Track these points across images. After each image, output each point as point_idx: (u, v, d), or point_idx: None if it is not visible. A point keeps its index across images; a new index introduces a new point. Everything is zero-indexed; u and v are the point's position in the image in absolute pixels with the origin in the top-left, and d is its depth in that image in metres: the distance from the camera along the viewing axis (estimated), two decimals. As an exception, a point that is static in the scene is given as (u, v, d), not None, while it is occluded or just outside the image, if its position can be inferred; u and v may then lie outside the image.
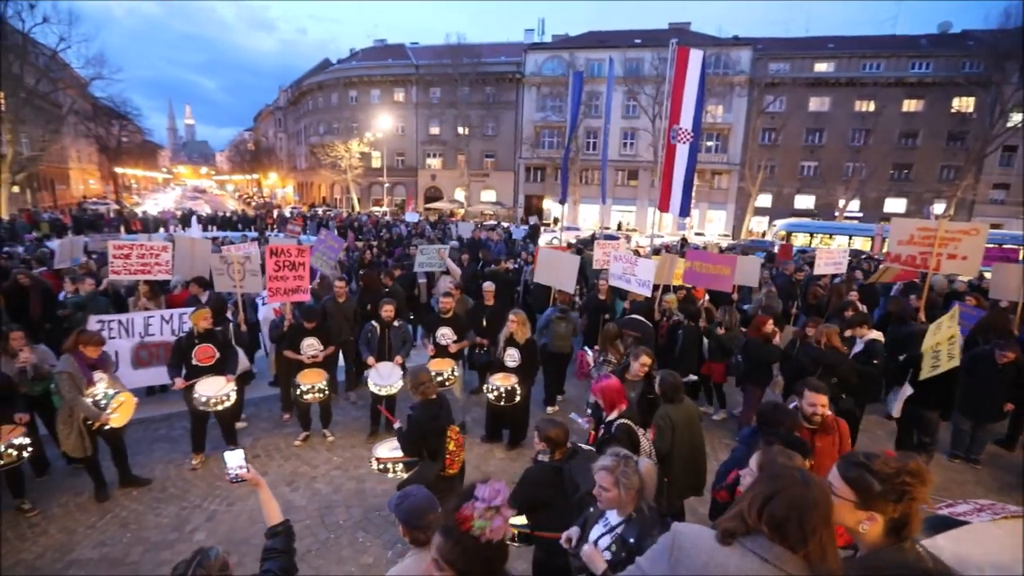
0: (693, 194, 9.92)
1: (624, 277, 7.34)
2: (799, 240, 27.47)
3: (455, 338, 5.97)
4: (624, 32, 40.74)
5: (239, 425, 5.95)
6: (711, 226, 38.15)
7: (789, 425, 3.43)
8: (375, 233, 19.32)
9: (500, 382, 5.33)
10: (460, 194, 41.79)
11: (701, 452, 4.08)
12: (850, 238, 27.42)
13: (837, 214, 33.60)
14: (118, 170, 54.24)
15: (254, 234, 20.67)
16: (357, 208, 40.85)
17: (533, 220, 26.53)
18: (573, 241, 21.73)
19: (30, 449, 4.29)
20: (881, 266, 11.03)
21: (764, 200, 36.73)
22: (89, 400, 4.49)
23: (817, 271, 9.22)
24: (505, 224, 29.45)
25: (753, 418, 4.78)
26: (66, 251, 9.43)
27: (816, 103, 36.07)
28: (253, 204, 48.15)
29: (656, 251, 12.69)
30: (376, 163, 42.74)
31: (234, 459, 2.46)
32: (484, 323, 6.43)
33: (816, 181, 35.94)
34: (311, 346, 5.69)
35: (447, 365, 5.68)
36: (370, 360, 5.69)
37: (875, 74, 34.82)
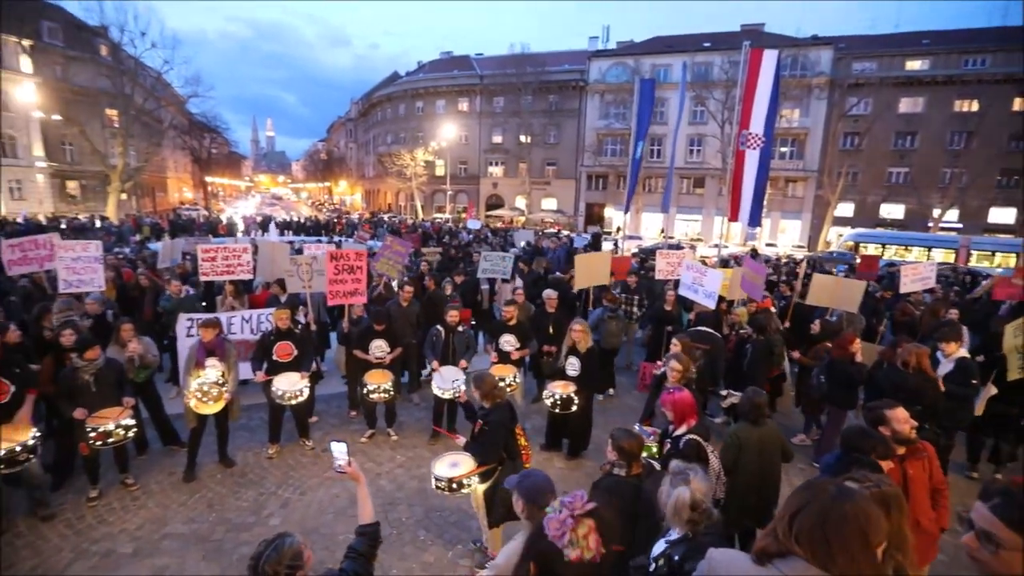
0: (765, 203, 9.46)
1: (693, 287, 7.11)
2: (868, 252, 25.40)
3: (518, 345, 6.00)
4: (692, 36, 39.67)
5: (310, 420, 6.29)
6: (783, 236, 36.08)
7: (880, 452, 3.16)
8: (438, 239, 19.86)
9: (558, 389, 5.29)
10: (521, 202, 42.16)
11: (771, 481, 3.82)
12: (929, 250, 24.89)
13: (931, 224, 30.70)
14: (208, 179, 59.52)
15: (326, 239, 21.86)
16: (420, 215, 42.21)
17: (595, 229, 26.23)
18: (635, 250, 21.31)
19: (135, 430, 4.75)
20: (985, 282, 9.97)
21: (845, 209, 34.25)
22: (193, 382, 4.95)
23: (904, 289, 8.44)
24: (566, 232, 29.34)
25: (836, 443, 4.45)
26: (167, 253, 10.41)
27: (908, 104, 33.25)
28: (324, 210, 51.01)
29: (724, 263, 12.17)
30: (440, 171, 44.03)
31: (339, 451, 2.57)
32: (551, 330, 6.41)
33: (906, 188, 33.04)
34: (379, 347, 5.92)
35: (509, 372, 5.72)
36: (434, 364, 5.84)
37: (979, 70, 31.63)
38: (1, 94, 30.31)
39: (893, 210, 33.90)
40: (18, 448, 4.03)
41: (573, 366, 5.47)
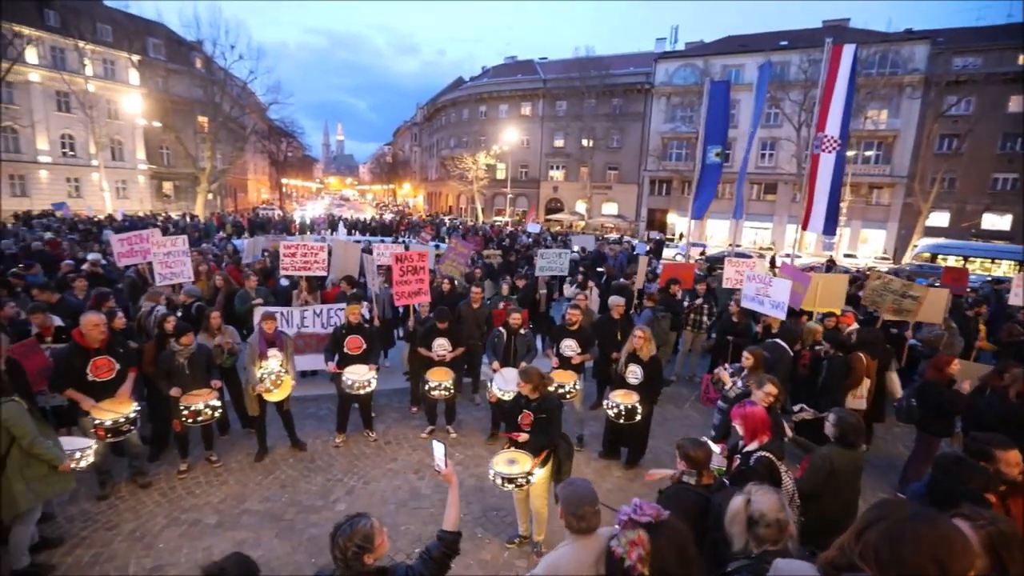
0: (844, 210, 8.87)
1: (757, 298, 6.77)
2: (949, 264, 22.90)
3: (579, 350, 5.95)
4: (768, 35, 37.78)
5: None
6: (865, 247, 33.46)
7: (978, 484, 2.87)
8: (498, 242, 20.08)
9: (620, 399, 5.19)
10: (581, 206, 41.86)
11: (852, 508, 3.56)
12: (1021, 264, 22.13)
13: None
14: (283, 180, 63.51)
15: (390, 239, 22.67)
16: (481, 218, 42.87)
17: (657, 235, 25.55)
18: (699, 257, 20.54)
19: (220, 411, 5.15)
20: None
21: (938, 219, 31.20)
22: (256, 372, 5.29)
23: (1013, 300, 7.65)
24: (627, 238, 28.79)
25: (924, 472, 4.08)
26: (250, 249, 11.22)
27: (1018, 102, 29.81)
28: (388, 211, 52.98)
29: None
30: (501, 175, 44.55)
31: (439, 452, 2.60)
32: (619, 336, 6.30)
33: (1014, 196, 29.63)
34: (441, 346, 6.07)
35: (570, 378, 5.68)
36: (495, 365, 5.91)
37: (1106, 65, 27.95)
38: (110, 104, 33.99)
39: (998, 221, 30.53)
40: (121, 419, 4.49)
41: (635, 374, 5.35)
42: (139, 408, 4.73)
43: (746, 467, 3.44)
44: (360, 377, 5.56)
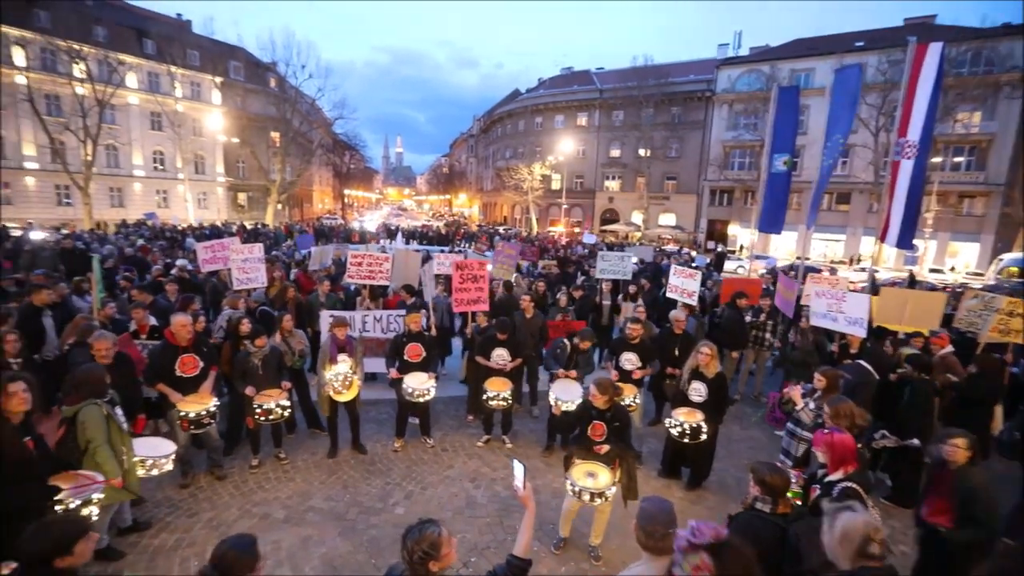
0: (928, 221, 8.16)
1: (829, 315, 6.35)
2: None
3: (640, 364, 5.80)
4: (841, 36, 35.78)
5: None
6: (954, 261, 30.64)
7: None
8: (553, 252, 20.04)
9: (684, 418, 4.99)
10: (637, 217, 41.08)
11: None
12: None
13: None
14: (345, 191, 66.56)
15: (447, 248, 23.16)
16: (535, 228, 43.00)
17: (718, 247, 24.59)
18: (763, 271, 19.56)
19: (289, 411, 5.41)
20: None
21: (1042, 231, 28.11)
22: (327, 374, 5.50)
23: None
24: (687, 250, 27.92)
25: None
26: (318, 257, 11.78)
27: None
28: (444, 221, 54.31)
29: (874, 290, 10.67)
30: (556, 185, 44.59)
31: (519, 472, 2.62)
32: (677, 352, 6.11)
33: None
34: (500, 356, 6.08)
35: (630, 391, 5.55)
36: (559, 372, 5.86)
37: None
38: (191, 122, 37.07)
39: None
40: (203, 413, 4.82)
41: (698, 391, 5.14)
42: (218, 404, 5.06)
43: (827, 497, 3.21)
44: (420, 385, 5.67)
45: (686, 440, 4.96)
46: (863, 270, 22.03)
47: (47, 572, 2.08)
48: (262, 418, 5.15)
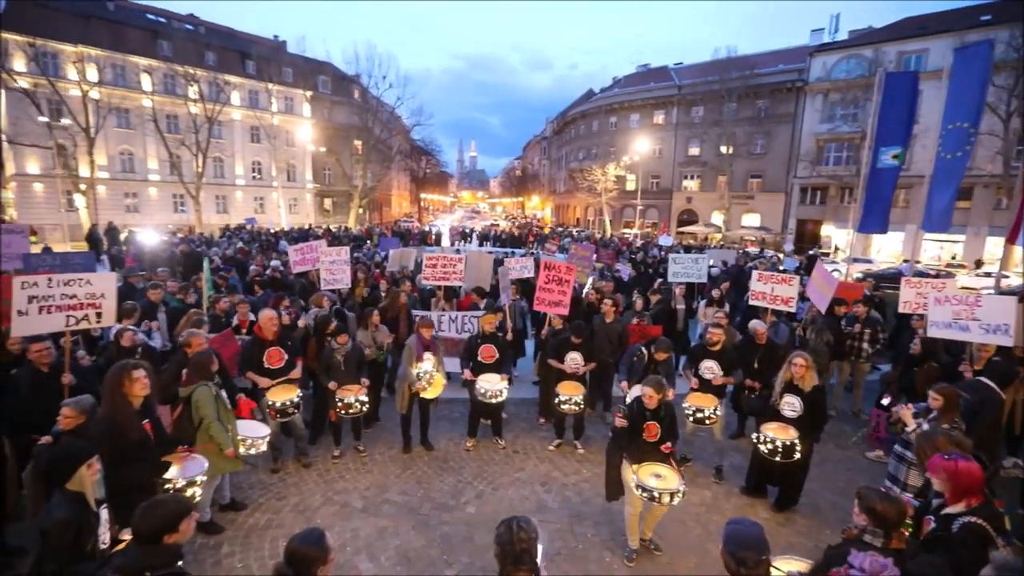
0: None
1: (958, 324, 5.57)
2: None
3: (721, 373, 5.45)
4: (962, 11, 31.78)
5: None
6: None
7: None
8: (628, 255, 19.52)
9: (776, 434, 4.60)
10: (718, 218, 38.98)
11: None
12: None
13: None
14: (421, 195, 69.10)
15: (521, 251, 23.28)
16: (609, 230, 42.17)
17: (811, 249, 22.70)
18: (860, 276, 17.78)
19: (367, 406, 5.64)
20: None
21: None
22: (414, 372, 5.67)
23: None
24: (769, 253, 26.10)
25: None
26: (396, 259, 12.25)
27: None
28: (516, 224, 54.72)
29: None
30: (630, 186, 43.49)
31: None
32: (757, 364, 5.70)
33: None
34: (574, 359, 5.98)
35: (710, 402, 5.22)
36: (623, 385, 5.65)
37: None
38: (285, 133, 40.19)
39: None
40: (288, 402, 5.15)
41: (792, 406, 4.72)
42: (301, 395, 5.38)
43: (944, 531, 2.81)
44: (492, 387, 5.70)
45: (777, 458, 4.58)
46: (988, 275, 19.45)
47: (156, 547, 2.27)
48: (343, 412, 5.41)
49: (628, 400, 5.34)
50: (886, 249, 31.02)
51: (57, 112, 27.75)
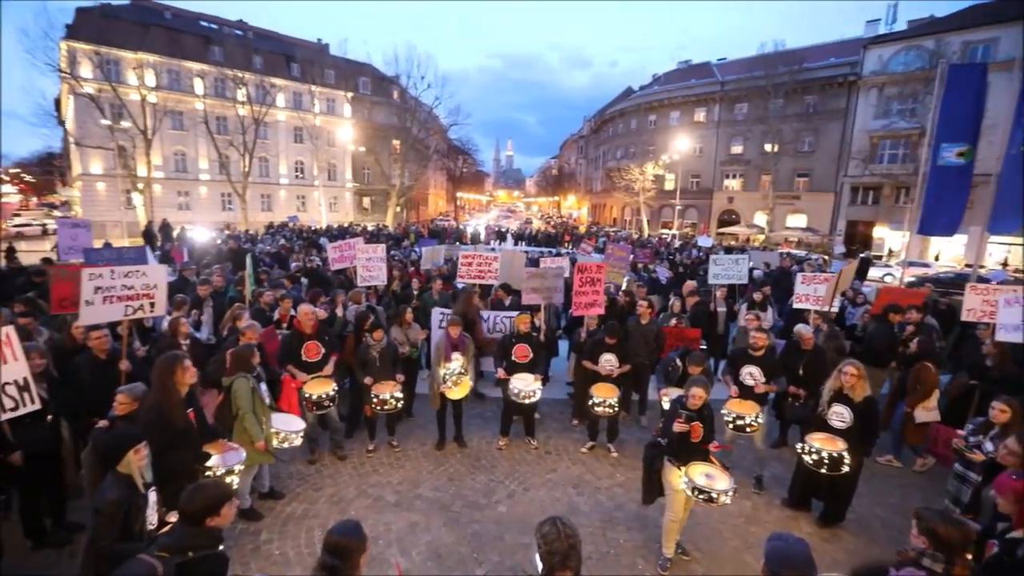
0: None
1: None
2: None
3: (763, 380, 5.23)
4: (1034, -1, 29.54)
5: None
6: None
7: None
8: (666, 256, 19.09)
9: (823, 445, 4.37)
10: (761, 218, 37.68)
11: None
12: None
13: None
14: (458, 194, 69.72)
15: (552, 250, 23.13)
16: (646, 230, 41.41)
17: (863, 252, 21.54)
18: (911, 280, 16.77)
19: (402, 402, 5.70)
20: None
21: None
22: (441, 372, 5.70)
23: None
24: (815, 256, 24.96)
25: None
26: (429, 256, 12.38)
27: None
28: (552, 223, 54.54)
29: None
30: (669, 185, 42.59)
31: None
32: (802, 371, 5.44)
33: None
34: (608, 361, 5.87)
35: (751, 409, 5.01)
36: (661, 392, 5.51)
37: None
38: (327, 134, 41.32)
39: None
40: (323, 395, 5.26)
41: (841, 417, 4.48)
42: (336, 389, 5.48)
43: (1008, 557, 2.60)
44: (526, 387, 5.66)
45: (822, 470, 4.35)
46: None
47: (198, 529, 2.36)
48: (378, 407, 5.48)
49: (666, 406, 5.21)
50: (946, 252, 29.21)
51: (118, 115, 29.50)
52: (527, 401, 5.67)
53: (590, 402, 5.68)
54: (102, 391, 4.07)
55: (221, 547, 2.48)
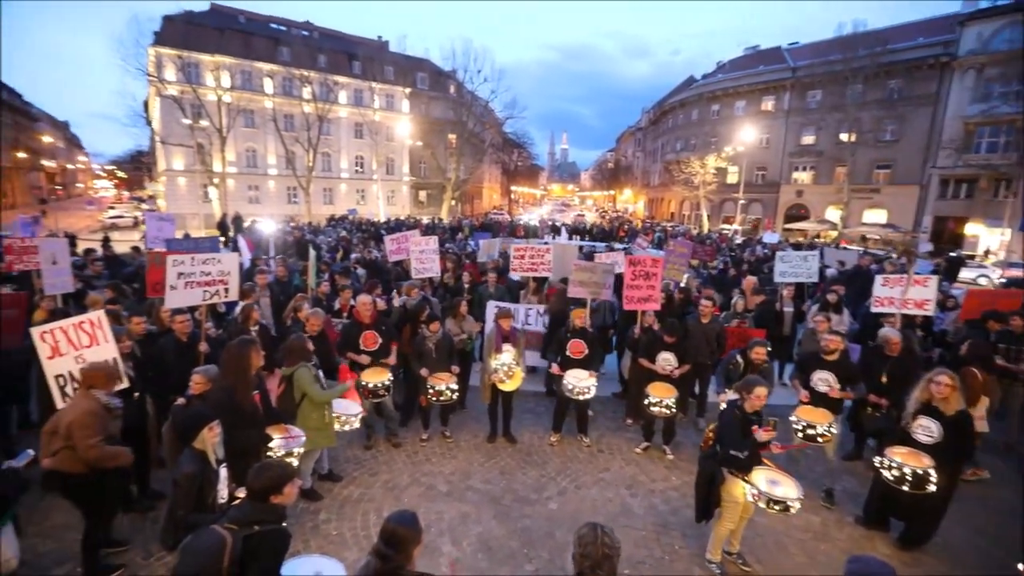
0: None
1: None
2: None
3: (838, 386, 4.86)
4: None
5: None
6: None
7: None
8: (727, 252, 18.26)
9: (905, 460, 4.00)
10: (833, 213, 35.14)
11: None
12: None
13: None
14: (512, 188, 69.82)
15: (604, 245, 22.63)
16: (706, 225, 39.80)
17: (953, 251, 19.63)
18: (1003, 282, 15.06)
19: (457, 394, 5.76)
20: None
21: None
22: (492, 363, 5.70)
23: None
24: (895, 256, 23.02)
25: None
26: (485, 249, 12.45)
27: None
28: (607, 217, 53.58)
29: None
30: (732, 179, 40.67)
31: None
32: (884, 378, 5.01)
33: None
34: (666, 360, 5.66)
35: (824, 418, 4.67)
36: (721, 397, 5.24)
37: None
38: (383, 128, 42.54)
39: None
40: (379, 384, 5.38)
41: (928, 431, 4.08)
42: (392, 378, 5.60)
43: None
44: (581, 383, 5.57)
45: (904, 488, 3.98)
46: None
47: (264, 505, 2.47)
48: (434, 398, 5.56)
49: (723, 408, 4.96)
50: (1051, 252, 26.16)
51: (197, 115, 31.83)
52: (581, 398, 5.57)
53: (646, 401, 5.50)
54: (183, 371, 4.37)
55: (284, 523, 2.59)
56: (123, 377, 4.13)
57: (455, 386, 5.57)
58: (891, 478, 4.02)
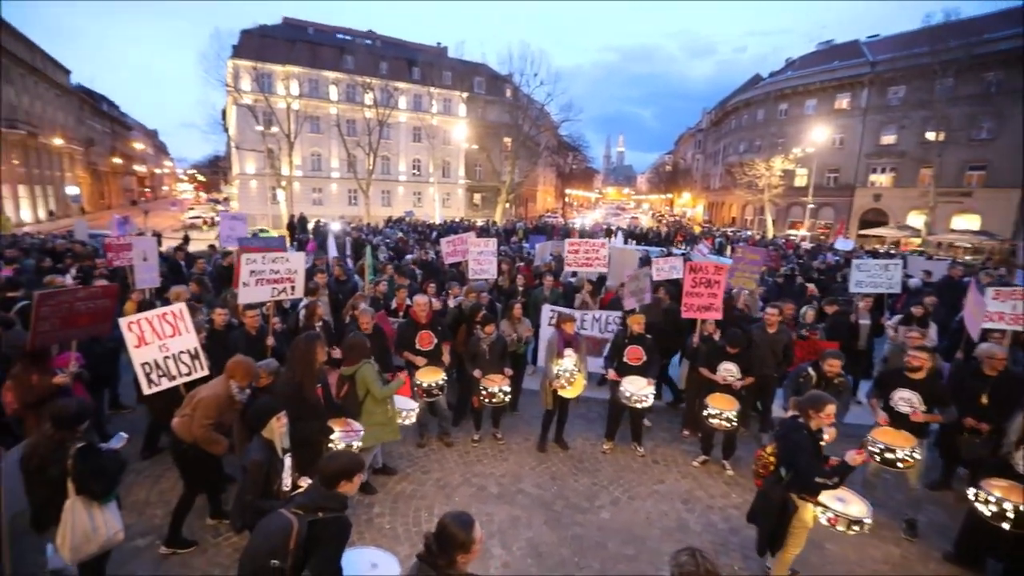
0: None
1: None
2: None
3: (923, 408, 4.44)
4: None
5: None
6: None
7: None
8: (794, 259, 17.26)
9: (1006, 495, 3.59)
10: (916, 219, 32.37)
11: None
12: None
13: None
14: (567, 191, 69.39)
15: (661, 251, 21.99)
16: (771, 231, 37.83)
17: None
18: None
19: (509, 396, 5.75)
20: None
21: None
22: (554, 369, 5.64)
23: None
24: (992, 268, 20.90)
25: None
26: (540, 252, 12.43)
27: None
28: (664, 222, 52.12)
29: None
30: (800, 181, 38.42)
31: None
32: (985, 399, 4.53)
33: None
34: (728, 371, 5.39)
35: (906, 442, 4.27)
36: (788, 412, 4.92)
37: None
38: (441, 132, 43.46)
39: None
40: (433, 384, 5.46)
41: (1034, 461, 3.64)
42: (446, 378, 5.67)
43: None
44: (638, 391, 5.41)
45: (1004, 525, 3.57)
46: None
47: (330, 492, 2.57)
48: (486, 400, 5.57)
49: (782, 425, 4.66)
50: None
51: (268, 122, 33.89)
52: (639, 405, 5.41)
53: (704, 413, 5.27)
54: (251, 363, 4.61)
55: (346, 512, 2.66)
56: (204, 365, 4.43)
57: (507, 388, 5.56)
58: (988, 514, 3.61)
